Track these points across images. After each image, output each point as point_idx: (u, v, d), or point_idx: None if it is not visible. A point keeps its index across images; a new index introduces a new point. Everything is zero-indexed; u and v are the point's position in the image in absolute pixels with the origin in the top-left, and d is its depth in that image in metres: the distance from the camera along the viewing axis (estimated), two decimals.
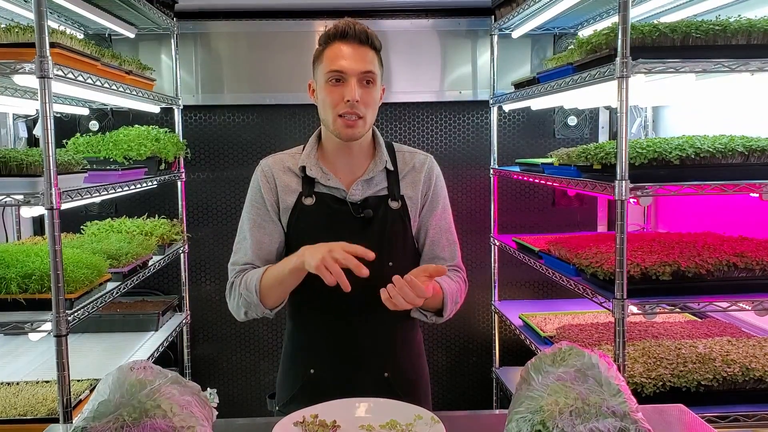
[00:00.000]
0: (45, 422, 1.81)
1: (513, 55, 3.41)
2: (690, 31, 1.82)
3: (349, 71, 1.53)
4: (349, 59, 1.53)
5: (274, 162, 1.67)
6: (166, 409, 1.11)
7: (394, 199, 1.64)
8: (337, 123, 1.56)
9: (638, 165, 1.83)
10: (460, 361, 3.53)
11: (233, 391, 3.49)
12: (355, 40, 1.54)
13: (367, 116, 1.56)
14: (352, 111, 1.53)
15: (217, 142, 3.38)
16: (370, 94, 1.56)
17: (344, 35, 1.54)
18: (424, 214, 1.70)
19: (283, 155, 1.69)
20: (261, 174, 1.66)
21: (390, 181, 1.65)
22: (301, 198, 1.62)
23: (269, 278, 1.56)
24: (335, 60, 1.53)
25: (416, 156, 1.72)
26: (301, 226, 1.62)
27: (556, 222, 3.46)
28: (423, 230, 1.71)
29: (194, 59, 3.32)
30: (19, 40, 1.82)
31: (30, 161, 1.86)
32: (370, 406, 1.36)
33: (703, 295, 1.88)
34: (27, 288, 1.97)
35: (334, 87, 1.54)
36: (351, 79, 1.53)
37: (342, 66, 1.52)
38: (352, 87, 1.52)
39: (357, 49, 1.54)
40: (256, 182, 1.66)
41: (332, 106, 1.55)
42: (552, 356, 1.15)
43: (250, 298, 1.57)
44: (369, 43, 1.56)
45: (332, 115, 1.56)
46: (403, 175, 1.68)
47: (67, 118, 3.23)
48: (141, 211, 3.24)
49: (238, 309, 1.63)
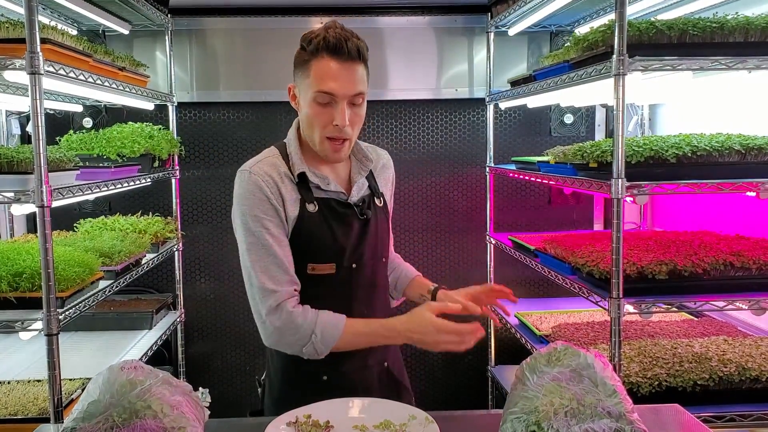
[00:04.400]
0: (36, 422, 1.80)
1: (509, 53, 3.39)
2: (687, 28, 1.81)
3: (340, 94, 1.44)
4: (340, 81, 1.43)
5: (269, 169, 1.53)
6: (156, 410, 1.10)
7: (378, 197, 1.65)
8: (324, 145, 1.51)
9: (635, 163, 1.82)
10: (455, 360, 3.52)
11: (228, 390, 3.48)
12: (347, 57, 1.44)
13: (354, 136, 1.53)
14: (340, 135, 1.49)
15: (212, 139, 3.36)
16: (358, 114, 1.51)
17: (336, 50, 1.43)
18: None
19: (271, 160, 1.56)
20: (263, 182, 1.50)
21: (370, 179, 1.66)
22: (303, 205, 1.53)
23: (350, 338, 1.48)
24: (324, 80, 1.44)
25: (381, 153, 1.73)
26: (307, 234, 1.53)
27: (552, 220, 3.46)
28: None
29: (189, 56, 3.30)
30: (9, 35, 1.80)
31: (21, 158, 1.84)
32: (364, 406, 1.35)
33: (700, 294, 1.87)
34: (18, 286, 1.95)
35: (323, 108, 1.47)
36: (341, 102, 1.45)
37: (332, 89, 1.44)
38: (342, 111, 1.45)
39: (348, 67, 1.44)
40: (260, 192, 1.49)
41: (320, 127, 1.49)
42: (547, 356, 1.14)
43: (322, 350, 1.48)
44: (360, 58, 1.46)
45: (319, 137, 1.50)
46: (376, 173, 1.69)
47: (61, 115, 3.21)
48: (135, 209, 3.23)
49: (290, 346, 1.50)
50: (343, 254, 1.54)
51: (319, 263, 1.53)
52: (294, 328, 1.47)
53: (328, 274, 1.54)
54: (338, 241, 1.54)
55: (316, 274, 1.54)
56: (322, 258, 1.54)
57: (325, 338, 1.46)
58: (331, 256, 1.54)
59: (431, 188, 3.43)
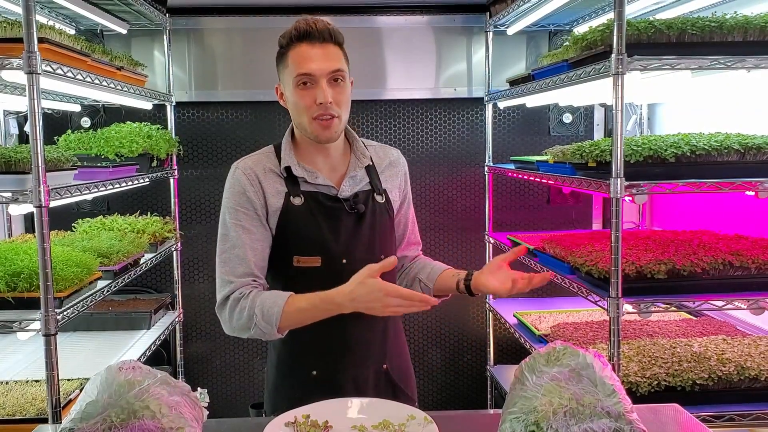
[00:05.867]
0: (34, 422, 1.80)
1: (508, 52, 3.39)
2: (686, 27, 1.81)
3: (318, 73, 1.50)
4: (316, 60, 1.50)
5: (254, 163, 1.60)
6: (154, 410, 1.09)
7: (379, 193, 1.65)
8: (313, 125, 1.53)
9: (633, 163, 1.82)
10: (454, 360, 3.52)
11: (226, 390, 3.47)
12: (319, 39, 1.51)
13: (342, 115, 1.55)
14: (326, 112, 1.51)
15: (210, 138, 3.36)
16: (342, 92, 1.54)
17: (306, 35, 1.51)
18: (404, 208, 1.75)
19: (259, 156, 1.63)
20: (243, 176, 1.58)
21: (371, 175, 1.66)
22: (288, 198, 1.57)
23: (293, 315, 1.48)
24: (301, 63, 1.50)
25: (388, 151, 1.74)
26: (293, 227, 1.57)
27: (550, 220, 3.46)
28: (402, 223, 1.75)
29: (187, 55, 3.29)
30: (6, 35, 1.79)
31: (18, 158, 1.84)
32: (363, 406, 1.35)
33: (699, 293, 1.87)
34: (15, 286, 1.95)
35: (305, 91, 1.52)
36: (321, 81, 1.50)
37: (310, 68, 1.50)
38: (323, 88, 1.50)
39: (322, 48, 1.51)
40: (239, 185, 1.57)
41: (305, 109, 1.52)
42: (546, 356, 1.13)
43: (267, 329, 1.49)
44: (333, 39, 1.53)
45: (306, 119, 1.53)
46: (381, 170, 1.69)
47: (59, 115, 3.20)
48: (133, 209, 3.22)
49: (242, 331, 1.52)
50: (329, 248, 1.55)
51: (304, 256, 1.56)
52: (238, 312, 1.51)
53: (314, 267, 1.55)
54: (323, 235, 1.55)
55: (302, 266, 1.56)
56: (307, 251, 1.56)
57: (266, 317, 1.47)
58: (316, 249, 1.55)
59: (430, 188, 3.43)
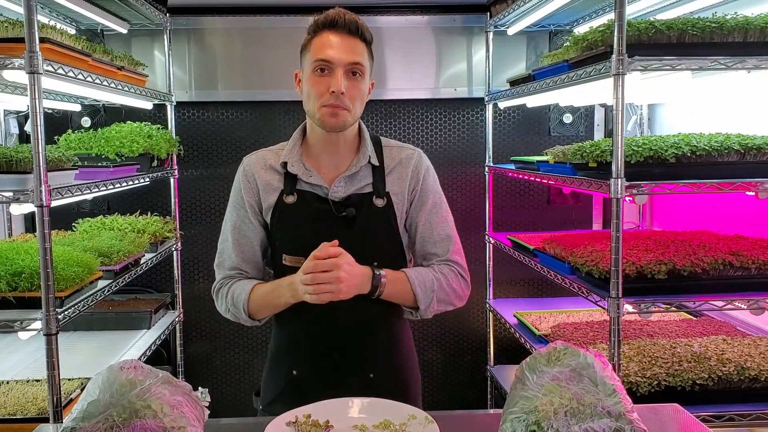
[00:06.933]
0: (35, 422, 1.80)
1: (508, 52, 3.39)
2: (686, 28, 1.81)
3: (336, 61, 1.48)
4: (336, 49, 1.48)
5: (255, 160, 1.63)
6: (156, 410, 1.09)
7: (379, 196, 1.57)
8: (321, 111, 1.50)
9: (634, 163, 1.82)
10: (454, 360, 3.52)
11: (227, 389, 3.47)
12: (345, 30, 1.50)
13: (354, 109, 1.52)
14: (337, 102, 1.49)
15: (211, 138, 3.36)
16: (357, 87, 1.51)
17: (333, 24, 1.50)
18: (413, 210, 1.63)
19: (266, 152, 1.65)
20: (242, 174, 1.63)
21: (375, 177, 1.59)
22: (282, 196, 1.57)
23: (258, 300, 1.57)
24: (322, 49, 1.49)
25: (404, 151, 1.65)
26: (283, 225, 1.57)
27: (551, 220, 3.46)
28: (413, 226, 1.64)
29: (187, 55, 3.29)
30: (8, 35, 1.79)
31: (19, 158, 1.84)
32: (364, 406, 1.34)
33: (699, 293, 1.87)
34: (17, 286, 1.95)
35: (320, 77, 1.49)
36: (338, 70, 1.48)
37: (329, 55, 1.48)
38: (338, 78, 1.47)
39: (346, 39, 1.50)
40: (238, 183, 1.63)
41: (317, 96, 1.50)
42: (547, 356, 1.14)
43: (239, 314, 1.60)
44: (359, 34, 1.51)
45: (316, 105, 1.51)
46: (389, 171, 1.61)
47: (59, 115, 3.20)
48: (133, 209, 3.22)
49: (226, 314, 1.64)
50: (312, 249, 1.47)
51: (290, 255, 1.56)
52: (221, 299, 1.63)
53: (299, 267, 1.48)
54: (306, 236, 1.52)
55: (289, 265, 1.55)
56: (292, 250, 1.56)
57: (236, 304, 1.58)
58: (300, 250, 1.51)
59: None
